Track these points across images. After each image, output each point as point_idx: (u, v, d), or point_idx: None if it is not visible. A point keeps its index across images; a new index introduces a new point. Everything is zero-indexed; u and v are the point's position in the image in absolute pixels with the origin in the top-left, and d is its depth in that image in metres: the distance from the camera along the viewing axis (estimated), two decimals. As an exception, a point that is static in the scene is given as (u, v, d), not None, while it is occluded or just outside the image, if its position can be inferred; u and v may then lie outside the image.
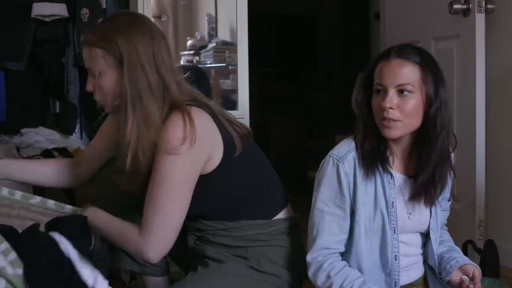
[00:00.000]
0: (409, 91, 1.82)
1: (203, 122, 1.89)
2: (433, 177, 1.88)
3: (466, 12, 2.96)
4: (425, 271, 2.02)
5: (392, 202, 1.90)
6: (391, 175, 1.91)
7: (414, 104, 1.83)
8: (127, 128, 1.87)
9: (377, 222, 1.90)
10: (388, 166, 1.91)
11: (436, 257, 1.99)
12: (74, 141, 3.18)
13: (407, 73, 1.83)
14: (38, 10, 2.95)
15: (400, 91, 1.83)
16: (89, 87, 1.94)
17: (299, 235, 2.08)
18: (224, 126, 1.95)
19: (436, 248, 2.00)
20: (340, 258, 1.92)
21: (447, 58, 3.05)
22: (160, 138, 1.85)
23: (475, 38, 2.91)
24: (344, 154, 1.91)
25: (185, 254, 2.14)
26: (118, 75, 1.88)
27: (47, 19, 2.98)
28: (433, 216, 1.97)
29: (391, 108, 1.82)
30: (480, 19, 2.92)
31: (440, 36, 3.18)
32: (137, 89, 1.86)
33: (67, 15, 3.01)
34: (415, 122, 1.86)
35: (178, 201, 1.87)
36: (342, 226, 1.91)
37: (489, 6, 2.96)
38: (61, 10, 3.00)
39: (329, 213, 1.91)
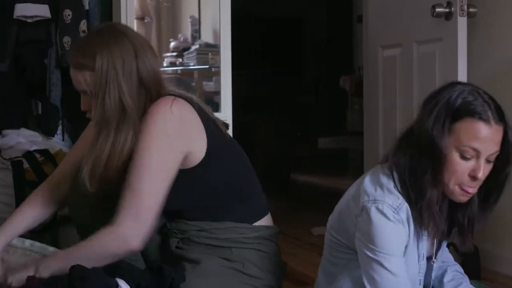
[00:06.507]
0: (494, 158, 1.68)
1: (185, 113, 1.90)
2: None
3: (448, 16, 2.97)
4: None
5: (423, 254, 1.82)
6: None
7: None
8: (97, 144, 1.90)
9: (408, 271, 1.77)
10: None
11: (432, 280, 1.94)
12: (56, 142, 3.16)
13: (499, 140, 1.66)
14: (21, 10, 2.94)
15: (488, 159, 1.67)
16: (84, 106, 1.94)
17: (278, 242, 2.10)
18: (210, 121, 1.97)
19: (435, 275, 1.95)
20: None
21: (430, 62, 3.06)
22: (143, 122, 1.86)
23: (457, 42, 2.93)
24: (399, 204, 1.71)
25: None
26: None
27: (29, 20, 2.97)
28: (441, 247, 1.92)
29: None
30: (462, 23, 2.94)
31: (422, 40, 3.19)
32: (109, 108, 1.87)
33: (50, 16, 3.00)
34: None
35: (150, 180, 1.85)
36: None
37: (471, 9, 2.97)
38: (43, 11, 2.99)
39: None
